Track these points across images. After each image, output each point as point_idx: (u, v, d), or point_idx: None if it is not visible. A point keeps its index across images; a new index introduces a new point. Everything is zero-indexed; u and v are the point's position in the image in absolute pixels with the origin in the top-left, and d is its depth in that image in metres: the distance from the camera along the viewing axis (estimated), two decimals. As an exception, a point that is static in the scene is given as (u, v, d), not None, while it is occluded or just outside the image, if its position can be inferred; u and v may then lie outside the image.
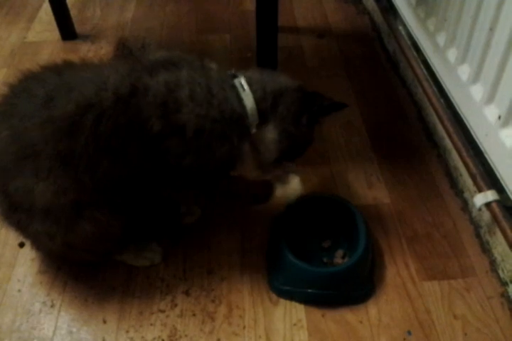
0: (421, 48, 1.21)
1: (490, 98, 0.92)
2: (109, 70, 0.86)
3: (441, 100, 1.16)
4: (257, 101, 0.89)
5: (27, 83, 0.86)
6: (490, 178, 0.97)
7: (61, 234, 0.87)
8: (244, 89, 0.88)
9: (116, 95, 0.82)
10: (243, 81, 0.89)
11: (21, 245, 1.06)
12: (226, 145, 0.87)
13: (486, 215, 1.03)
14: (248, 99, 0.88)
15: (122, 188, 0.87)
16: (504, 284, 0.99)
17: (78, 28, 1.71)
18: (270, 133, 0.92)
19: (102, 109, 0.81)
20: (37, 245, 0.96)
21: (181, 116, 0.83)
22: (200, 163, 0.87)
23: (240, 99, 0.88)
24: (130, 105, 0.82)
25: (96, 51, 1.63)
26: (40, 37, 1.71)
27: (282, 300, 0.98)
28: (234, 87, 0.88)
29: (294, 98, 0.92)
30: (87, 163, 0.82)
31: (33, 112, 0.81)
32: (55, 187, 0.82)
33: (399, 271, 1.02)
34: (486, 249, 1.05)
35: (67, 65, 0.89)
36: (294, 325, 0.94)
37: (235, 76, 0.91)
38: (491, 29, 0.89)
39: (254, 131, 0.90)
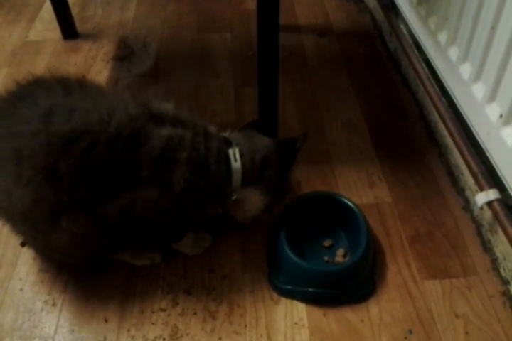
0: (422, 47, 1.20)
1: (491, 97, 0.92)
2: (118, 104, 0.85)
3: (443, 99, 1.16)
4: (245, 171, 0.94)
5: (35, 89, 0.85)
6: (491, 177, 0.97)
7: (40, 238, 0.87)
8: (236, 160, 0.93)
9: (117, 132, 0.82)
10: (237, 152, 0.93)
11: (23, 244, 1.07)
12: (200, 211, 0.93)
13: (488, 214, 1.03)
14: (237, 171, 0.93)
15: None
16: (506, 283, 0.99)
17: (79, 27, 1.71)
18: (256, 196, 0.98)
19: (98, 139, 0.80)
20: (28, 243, 0.96)
21: (172, 176, 0.85)
22: (177, 216, 0.91)
23: (229, 170, 0.93)
24: (126, 146, 0.82)
25: (97, 50, 1.63)
26: (41, 36, 1.71)
27: (283, 299, 0.98)
28: (227, 156, 0.93)
29: (278, 158, 0.98)
30: (68, 183, 0.81)
31: (31, 120, 0.81)
32: (33, 195, 0.81)
33: (400, 270, 1.02)
34: (487, 248, 1.05)
35: (80, 84, 0.88)
36: (295, 323, 0.94)
37: (229, 143, 0.95)
38: (493, 28, 0.89)
39: (234, 197, 0.96)
